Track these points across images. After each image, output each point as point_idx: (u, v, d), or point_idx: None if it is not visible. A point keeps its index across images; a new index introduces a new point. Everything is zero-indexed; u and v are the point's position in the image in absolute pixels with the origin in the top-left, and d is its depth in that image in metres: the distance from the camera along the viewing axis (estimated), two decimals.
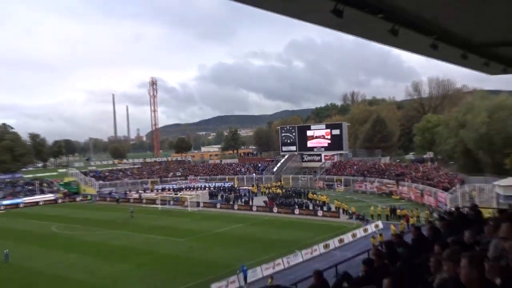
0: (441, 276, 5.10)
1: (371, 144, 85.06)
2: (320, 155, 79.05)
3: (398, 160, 79.32)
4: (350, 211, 47.12)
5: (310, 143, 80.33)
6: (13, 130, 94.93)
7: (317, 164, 77.94)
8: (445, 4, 5.52)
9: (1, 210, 66.39)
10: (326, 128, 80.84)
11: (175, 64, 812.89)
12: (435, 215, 34.23)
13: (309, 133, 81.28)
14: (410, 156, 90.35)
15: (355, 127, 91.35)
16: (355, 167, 70.98)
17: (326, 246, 33.96)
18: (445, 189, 47.61)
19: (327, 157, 77.94)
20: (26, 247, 39.93)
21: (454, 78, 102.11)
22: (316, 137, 79.83)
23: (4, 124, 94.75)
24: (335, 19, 5.46)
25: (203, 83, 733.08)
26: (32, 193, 74.69)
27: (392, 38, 6.19)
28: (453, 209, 14.82)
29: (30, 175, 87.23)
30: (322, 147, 79.03)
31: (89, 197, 73.13)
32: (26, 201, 70.49)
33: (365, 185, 64.26)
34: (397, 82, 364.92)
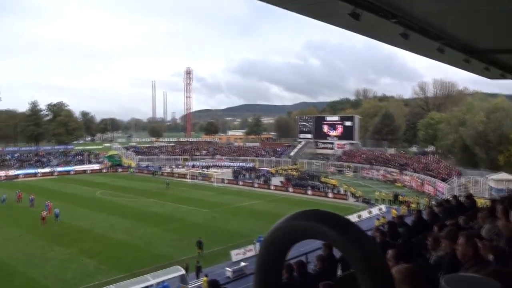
0: (438, 253, 5.11)
1: (379, 136, 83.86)
2: (333, 143, 78.48)
3: (403, 152, 78.18)
4: (357, 195, 46.89)
5: (324, 132, 79.81)
6: (68, 108, 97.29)
7: (330, 151, 77.40)
8: (451, 13, 5.43)
9: (55, 175, 68.49)
10: (340, 119, 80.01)
11: (205, 56, 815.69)
12: (433, 202, 33.79)
13: (324, 123, 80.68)
14: (414, 148, 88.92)
15: (365, 120, 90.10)
16: (363, 155, 70.29)
17: None
18: (444, 180, 46.87)
19: (339, 146, 77.36)
20: (74, 208, 41.14)
21: (454, 79, 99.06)
22: (330, 127, 79.23)
23: (60, 102, 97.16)
24: (352, 21, 5.43)
25: (229, 74, 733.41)
26: (81, 162, 76.53)
27: (403, 41, 6.12)
28: (450, 197, 14.70)
29: (80, 147, 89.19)
30: (335, 136, 78.42)
31: (130, 169, 74.39)
32: (76, 169, 72.35)
33: (372, 172, 63.66)
34: (403, 81, 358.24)
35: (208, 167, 71.86)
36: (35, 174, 67.47)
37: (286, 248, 0.92)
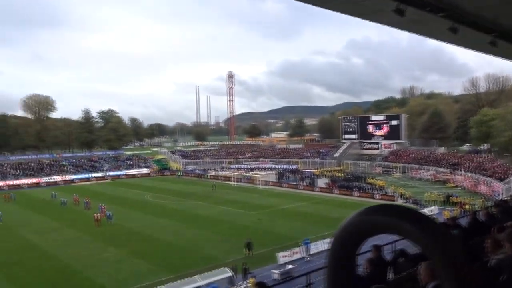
0: (498, 257, 4.84)
1: (427, 134, 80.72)
2: (378, 143, 76.55)
3: (454, 151, 74.82)
4: (407, 196, 45.45)
5: (370, 132, 78.01)
6: (117, 114, 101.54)
7: (376, 152, 75.52)
8: (506, 3, 5.15)
9: (108, 179, 71.64)
10: (385, 119, 77.93)
11: (246, 60, 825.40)
12: (489, 203, 32.01)
13: (369, 123, 78.89)
14: (465, 147, 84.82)
15: (412, 119, 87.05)
16: (411, 155, 67.98)
17: None
18: (500, 179, 44.36)
19: (385, 146, 75.33)
20: (126, 210, 42.83)
21: (508, 73, 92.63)
22: (376, 127, 77.33)
23: (111, 110, 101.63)
24: (397, 18, 5.31)
25: (271, 76, 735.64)
26: (131, 167, 79.53)
27: (451, 36, 5.89)
28: (508, 197, 13.89)
29: (130, 152, 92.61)
30: (381, 136, 76.45)
31: (179, 173, 76.10)
32: (127, 173, 75.31)
33: (421, 172, 61.39)
34: (452, 78, 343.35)
35: (252, 169, 72.25)
36: (88, 179, 70.95)
37: (358, 242, 0.91)
